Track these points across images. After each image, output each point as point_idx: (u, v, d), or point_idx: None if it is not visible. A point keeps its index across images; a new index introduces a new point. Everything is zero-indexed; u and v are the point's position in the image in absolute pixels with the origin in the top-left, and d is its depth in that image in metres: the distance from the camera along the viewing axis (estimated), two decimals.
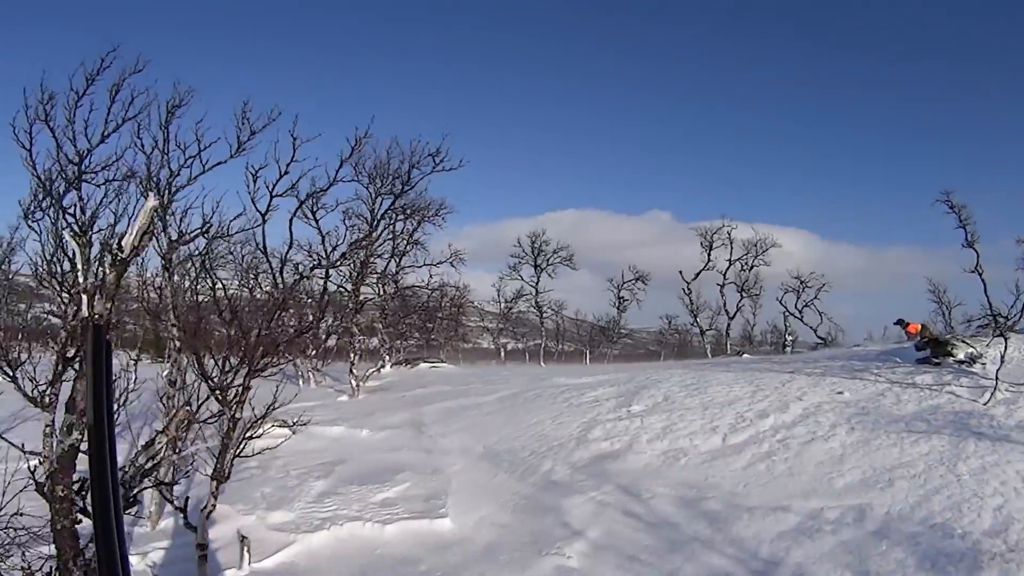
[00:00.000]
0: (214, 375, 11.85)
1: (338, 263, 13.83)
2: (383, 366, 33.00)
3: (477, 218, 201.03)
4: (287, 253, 15.95)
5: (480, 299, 56.66)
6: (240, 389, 11.89)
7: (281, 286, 14.04)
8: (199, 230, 14.22)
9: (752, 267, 53.17)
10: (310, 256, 30.95)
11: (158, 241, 13.55)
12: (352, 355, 28.08)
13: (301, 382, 30.92)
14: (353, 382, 26.42)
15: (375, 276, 32.35)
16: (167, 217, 14.01)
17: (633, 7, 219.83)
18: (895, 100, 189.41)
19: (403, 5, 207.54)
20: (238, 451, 11.88)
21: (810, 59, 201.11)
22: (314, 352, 31.06)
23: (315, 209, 29.84)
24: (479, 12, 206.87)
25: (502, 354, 55.36)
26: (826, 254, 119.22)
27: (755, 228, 52.80)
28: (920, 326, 29.01)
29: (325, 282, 31.34)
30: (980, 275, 23.91)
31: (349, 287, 30.15)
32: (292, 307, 35.20)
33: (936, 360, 19.00)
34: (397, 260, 33.90)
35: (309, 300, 33.71)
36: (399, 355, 41.64)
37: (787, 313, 51.56)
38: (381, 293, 34.03)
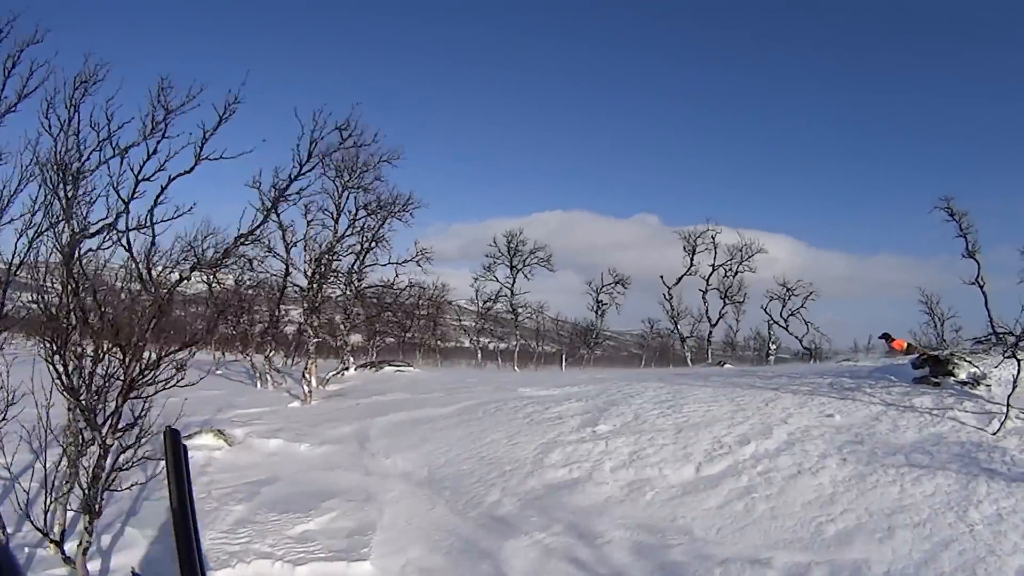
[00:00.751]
0: (82, 392, 9.78)
1: (220, 263, 11.78)
2: (346, 368, 31.08)
3: (464, 217, 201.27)
4: (150, 251, 13.84)
5: (463, 298, 55.80)
6: (114, 409, 9.78)
7: (152, 289, 11.89)
8: (102, 221, 12.05)
9: (736, 273, 51.52)
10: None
11: (58, 235, 11.39)
12: (307, 359, 26.09)
13: (259, 384, 29.04)
14: (306, 388, 24.36)
15: (336, 275, 30.55)
16: (72, 207, 11.83)
17: (625, 7, 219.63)
18: (886, 104, 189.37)
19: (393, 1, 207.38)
20: (108, 483, 9.80)
21: (802, 62, 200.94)
22: (270, 351, 29.20)
23: (276, 203, 28.06)
24: (468, 10, 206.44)
25: (479, 355, 53.69)
26: (812, 261, 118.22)
27: (741, 233, 51.22)
28: (906, 344, 27.36)
29: (285, 279, 29.50)
30: (981, 287, 22.02)
31: (304, 284, 28.25)
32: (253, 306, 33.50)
33: (935, 380, 16.96)
34: (361, 257, 31.94)
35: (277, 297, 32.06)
36: (369, 356, 40.02)
37: (772, 321, 49.85)
38: (346, 292, 32.24)
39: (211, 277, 33.27)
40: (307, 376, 24.48)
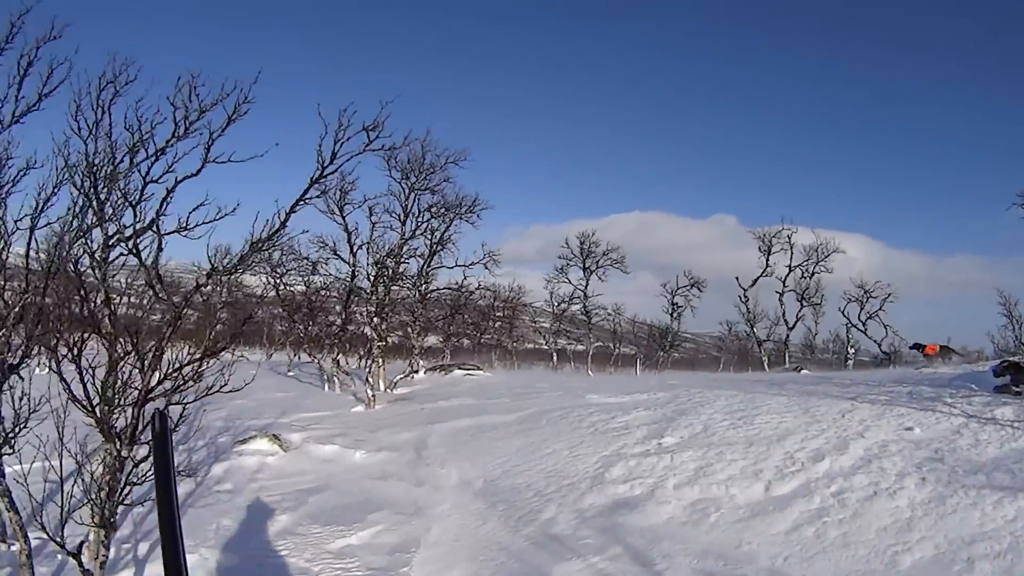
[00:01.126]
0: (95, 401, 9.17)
1: (235, 270, 10.83)
2: (415, 372, 30.38)
3: (543, 218, 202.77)
4: (157, 258, 12.71)
5: (541, 299, 54.80)
6: (132, 419, 9.15)
7: (163, 297, 10.97)
8: (134, 225, 11.28)
9: (813, 274, 49.10)
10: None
11: (87, 240, 10.72)
12: (369, 362, 25.43)
13: (327, 387, 28.55)
14: (369, 392, 23.80)
15: (403, 277, 29.94)
16: (104, 211, 11.12)
17: (699, 10, 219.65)
18: (965, 105, 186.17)
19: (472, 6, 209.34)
20: (122, 498, 9.20)
21: (876, 66, 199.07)
22: (338, 354, 28.62)
23: (342, 204, 28.07)
24: (549, 13, 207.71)
25: (555, 358, 52.62)
26: (888, 261, 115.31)
27: (816, 233, 49.16)
28: (938, 347, 26.51)
29: (352, 281, 28.95)
30: None
31: (368, 287, 27.61)
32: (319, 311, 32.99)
33: (1017, 389, 15.88)
34: (427, 260, 31.28)
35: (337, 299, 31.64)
36: (443, 358, 39.41)
37: (850, 324, 47.67)
38: (412, 295, 31.61)
39: (279, 280, 33.07)
40: (371, 380, 23.86)
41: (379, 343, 26.51)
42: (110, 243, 10.70)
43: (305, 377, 33.82)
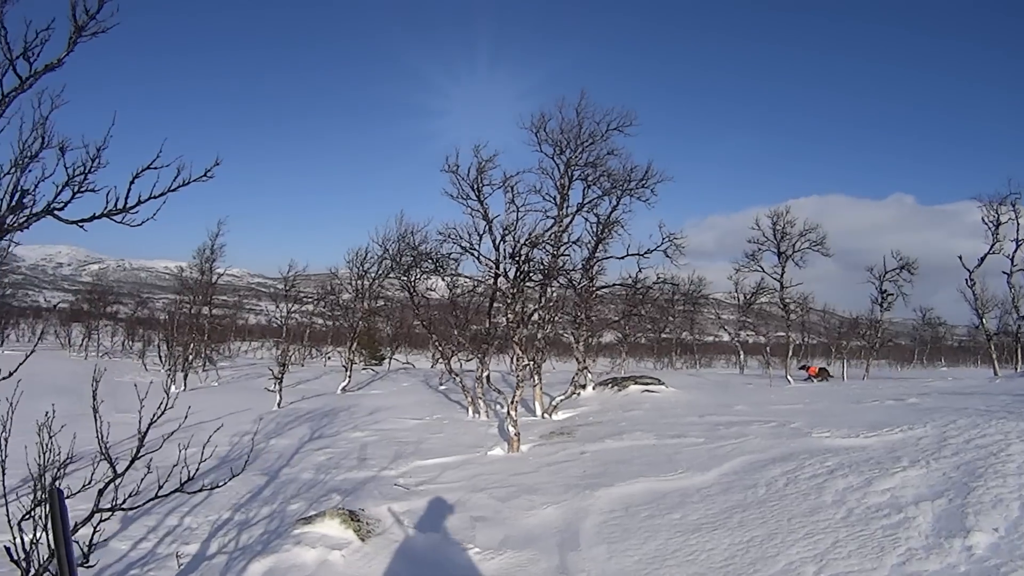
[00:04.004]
0: None
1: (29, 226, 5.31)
2: (582, 387, 23.93)
3: (719, 208, 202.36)
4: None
5: (720, 291, 52.11)
6: None
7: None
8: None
9: None
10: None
11: None
12: (515, 387, 18.32)
13: (470, 410, 22.27)
14: (511, 429, 16.78)
15: (562, 273, 23.48)
16: None
17: None
18: None
19: None
20: None
21: None
22: (484, 373, 22.36)
23: (478, 185, 22.22)
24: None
25: (741, 355, 49.94)
26: None
27: None
28: (817, 368, 31.89)
29: (496, 280, 22.24)
30: None
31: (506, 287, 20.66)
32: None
33: None
34: (592, 249, 25.20)
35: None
36: (621, 360, 34.22)
37: None
38: (571, 293, 25.13)
39: (410, 283, 27.12)
40: (512, 414, 16.93)
41: (525, 361, 19.39)
42: None
43: (455, 393, 27.82)
